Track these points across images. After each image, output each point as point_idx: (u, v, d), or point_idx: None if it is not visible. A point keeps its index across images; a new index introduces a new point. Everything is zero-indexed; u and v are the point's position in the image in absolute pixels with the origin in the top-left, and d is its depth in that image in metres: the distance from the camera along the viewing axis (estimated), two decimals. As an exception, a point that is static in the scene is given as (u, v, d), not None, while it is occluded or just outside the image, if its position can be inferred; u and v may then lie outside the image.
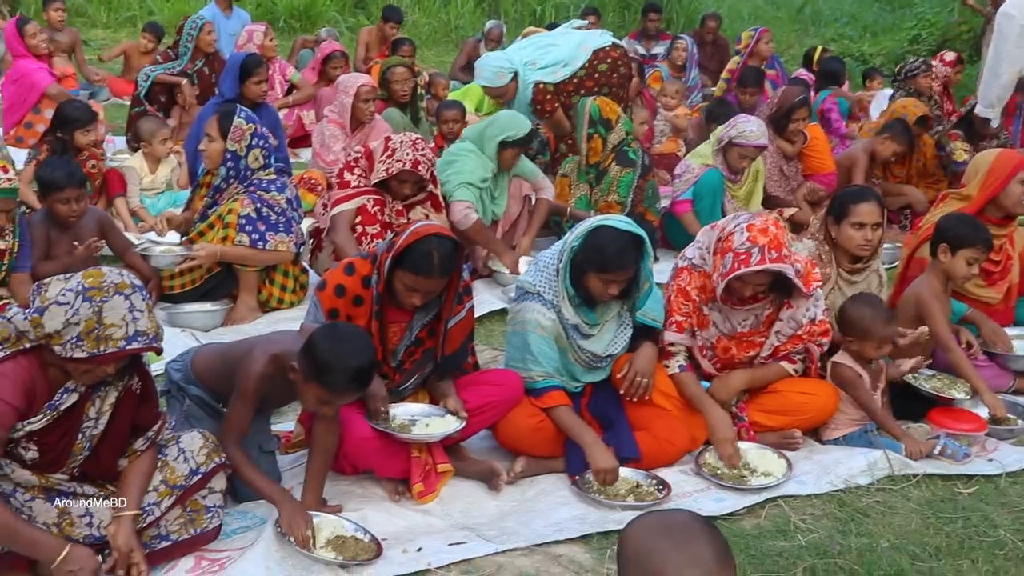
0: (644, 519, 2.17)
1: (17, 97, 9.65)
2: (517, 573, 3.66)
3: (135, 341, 3.24)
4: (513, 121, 6.61)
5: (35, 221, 5.89)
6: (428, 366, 4.24)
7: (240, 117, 5.83)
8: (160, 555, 3.59)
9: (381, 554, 3.70)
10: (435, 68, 13.17)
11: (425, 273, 3.96)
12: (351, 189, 5.95)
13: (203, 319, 5.83)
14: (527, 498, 4.21)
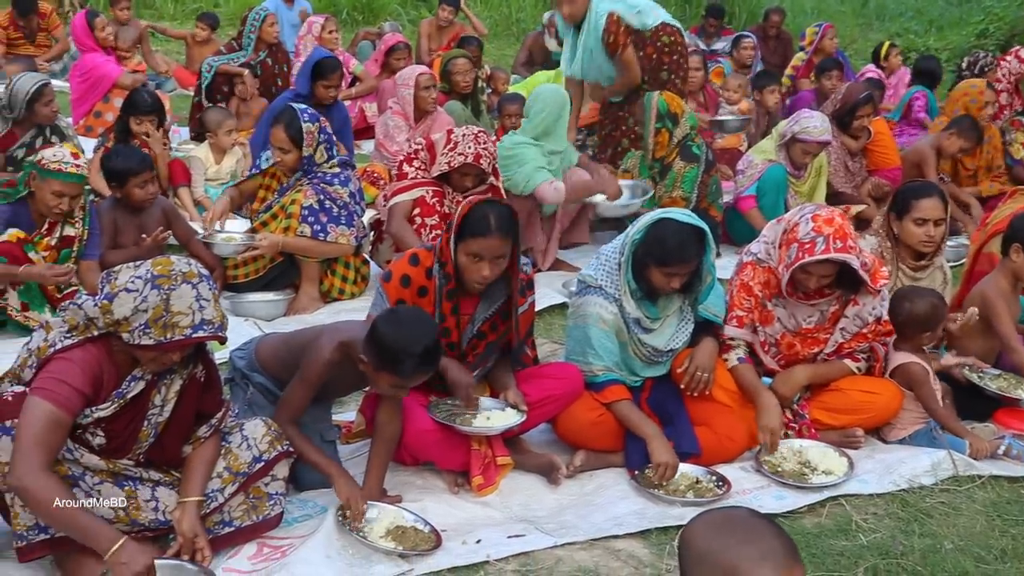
0: (706, 517, 2.15)
1: (86, 89, 9.79)
2: (575, 567, 3.66)
3: (201, 329, 3.28)
4: (559, 93, 6.73)
5: (103, 209, 6.00)
6: (491, 359, 4.24)
7: (305, 121, 5.87)
8: (223, 541, 3.63)
9: (440, 545, 3.71)
10: (496, 62, 13.17)
11: (485, 233, 3.98)
12: (409, 180, 5.97)
13: (266, 308, 5.89)
14: (586, 492, 4.21)
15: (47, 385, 3.23)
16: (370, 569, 3.57)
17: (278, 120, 5.96)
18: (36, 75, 7.48)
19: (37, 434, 3.16)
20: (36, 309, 5.47)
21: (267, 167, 6.15)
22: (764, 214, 6.84)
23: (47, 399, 3.20)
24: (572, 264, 6.74)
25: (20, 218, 5.41)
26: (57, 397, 3.20)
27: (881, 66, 11.24)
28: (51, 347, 3.31)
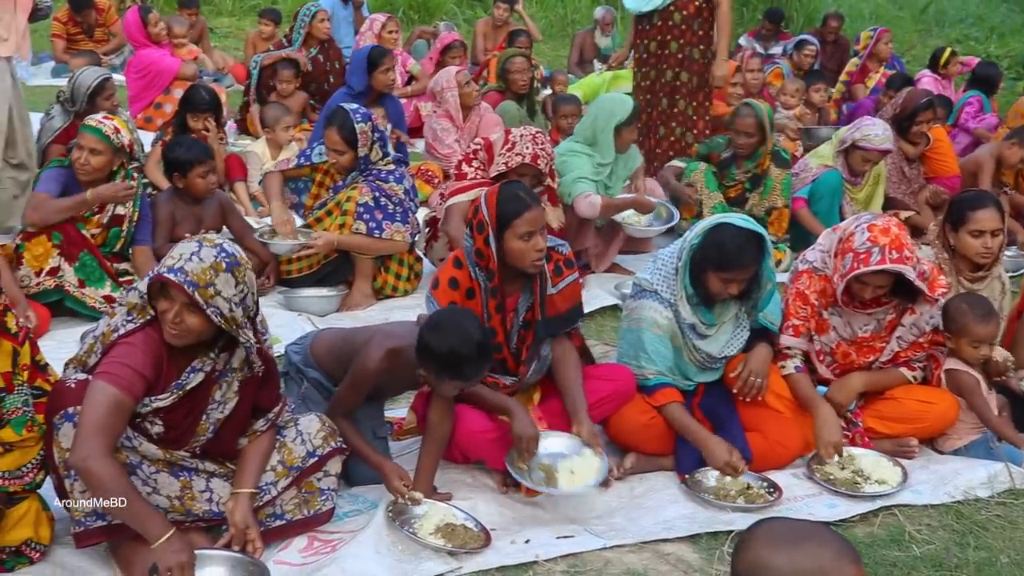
0: (764, 534, 2.10)
1: (143, 86, 9.91)
2: (624, 570, 3.65)
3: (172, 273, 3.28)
4: (615, 103, 6.58)
5: (161, 201, 6.09)
6: (544, 348, 4.23)
7: (358, 122, 5.90)
8: (274, 533, 3.67)
9: (489, 543, 3.72)
10: (551, 63, 13.18)
11: (525, 209, 4.01)
12: (468, 181, 5.98)
13: (319, 304, 5.92)
14: (636, 495, 4.20)
15: (110, 369, 3.28)
16: (419, 566, 3.58)
17: (331, 122, 5.99)
18: (98, 69, 7.57)
19: (100, 417, 3.21)
20: (93, 285, 5.55)
21: (319, 162, 6.18)
22: (820, 220, 6.79)
23: (110, 382, 3.25)
24: (626, 268, 6.71)
25: (72, 189, 5.54)
26: (120, 381, 3.25)
27: (940, 73, 11.10)
28: (115, 332, 3.37)
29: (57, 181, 5.52)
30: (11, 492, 3.43)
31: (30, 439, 3.44)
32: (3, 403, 3.41)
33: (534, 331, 4.20)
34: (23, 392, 3.46)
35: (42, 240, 5.48)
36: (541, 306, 4.14)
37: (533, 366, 4.23)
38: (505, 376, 4.22)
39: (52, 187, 5.49)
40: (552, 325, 4.19)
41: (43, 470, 3.49)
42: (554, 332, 4.21)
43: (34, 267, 5.46)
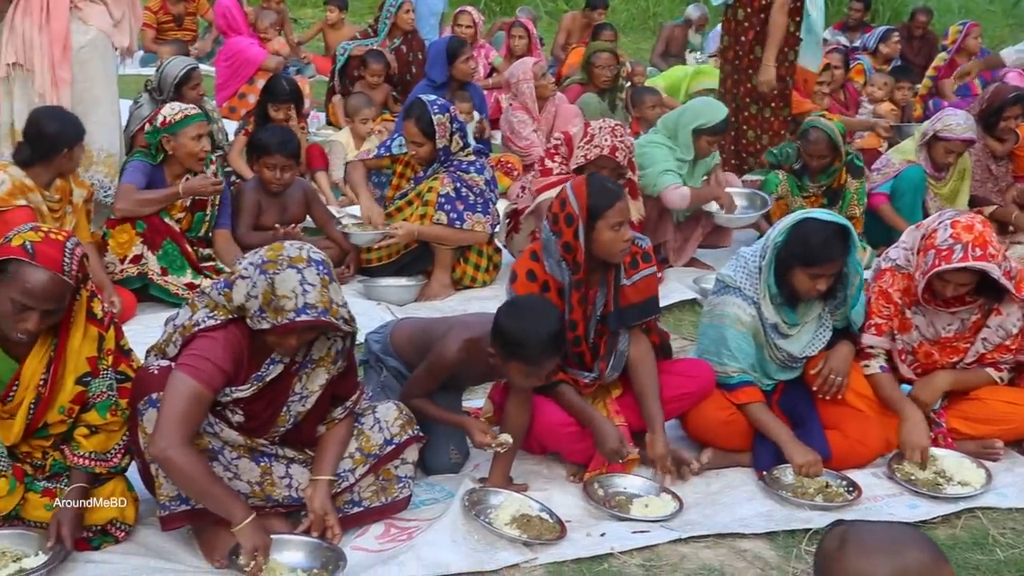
0: (854, 543, 2.04)
1: (230, 75, 10.04)
2: (700, 565, 3.64)
3: (304, 313, 3.29)
4: (707, 107, 6.51)
5: (246, 189, 6.19)
6: (621, 343, 4.21)
7: (435, 113, 5.92)
8: (352, 520, 3.70)
9: (564, 535, 3.72)
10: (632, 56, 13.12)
11: (616, 199, 4.01)
12: (554, 177, 5.98)
13: (398, 293, 5.97)
14: (712, 491, 4.17)
15: (191, 361, 3.32)
16: (495, 555, 3.60)
17: (409, 114, 6.03)
18: (185, 59, 7.69)
19: (180, 408, 3.27)
20: (175, 273, 5.66)
21: (399, 153, 6.22)
22: (902, 216, 6.68)
23: (190, 375, 3.29)
24: (705, 262, 6.66)
25: (157, 182, 5.66)
26: (200, 373, 3.30)
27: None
28: (196, 326, 3.40)
29: (142, 172, 5.62)
30: (97, 474, 3.51)
31: (114, 423, 3.52)
32: (89, 387, 3.48)
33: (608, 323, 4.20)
34: (108, 376, 3.53)
35: (127, 228, 5.59)
36: (614, 297, 4.13)
37: (611, 362, 4.20)
38: (584, 373, 4.21)
39: (138, 178, 5.60)
40: (625, 316, 4.16)
41: (128, 454, 3.56)
42: (627, 324, 4.18)
43: (119, 254, 5.58)
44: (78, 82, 5.79)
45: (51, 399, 3.44)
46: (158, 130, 5.62)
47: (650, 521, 3.87)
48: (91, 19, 5.83)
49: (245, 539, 3.29)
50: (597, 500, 3.96)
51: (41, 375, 3.42)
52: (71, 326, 3.44)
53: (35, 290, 3.25)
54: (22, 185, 5.07)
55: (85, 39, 5.82)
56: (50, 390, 3.43)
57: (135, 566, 3.44)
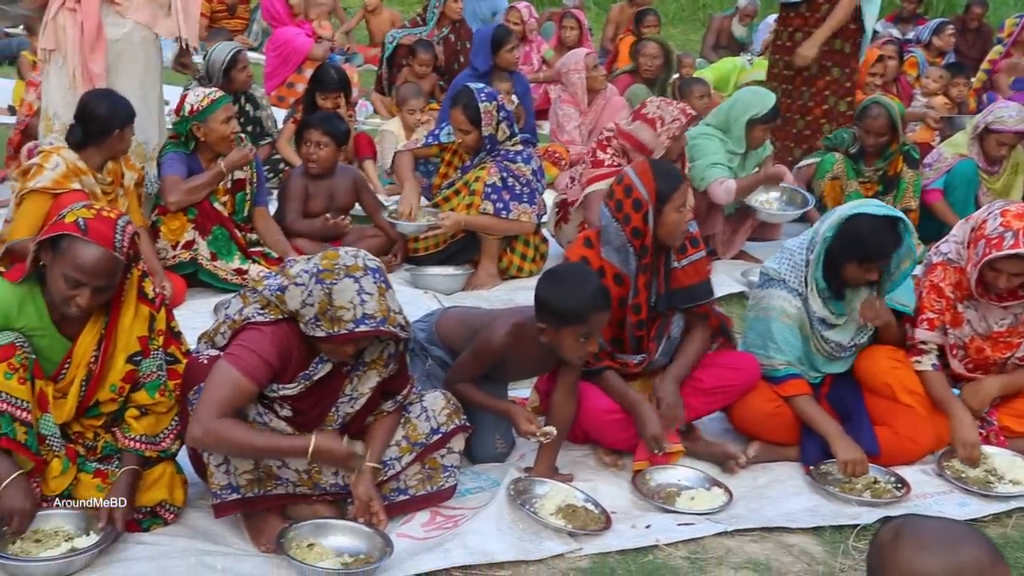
0: (909, 539, 2.00)
1: (278, 64, 10.11)
2: (746, 558, 3.62)
3: (363, 324, 3.30)
4: (756, 97, 6.46)
5: (293, 175, 6.24)
6: (674, 328, 4.20)
7: (482, 101, 5.92)
8: (398, 507, 3.71)
9: (610, 526, 3.72)
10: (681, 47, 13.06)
11: (679, 182, 4.07)
12: (604, 168, 5.97)
13: (445, 282, 5.98)
14: (759, 484, 4.15)
15: (236, 352, 3.35)
16: (540, 545, 3.60)
17: (456, 101, 6.03)
18: (230, 43, 7.77)
19: (221, 396, 3.29)
20: (224, 258, 5.71)
21: (447, 142, 6.23)
22: (955, 211, 6.61)
23: (234, 365, 3.32)
24: (754, 255, 6.62)
25: (195, 170, 5.71)
26: (244, 364, 3.32)
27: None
28: (245, 320, 3.43)
29: (182, 162, 5.66)
30: (147, 457, 3.54)
31: (163, 403, 3.55)
32: (139, 367, 3.52)
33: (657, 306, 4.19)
34: (158, 357, 3.57)
35: (178, 215, 5.65)
36: (665, 279, 4.12)
37: (662, 345, 4.20)
38: (634, 356, 4.20)
39: (179, 168, 5.64)
40: (675, 299, 4.16)
41: (178, 439, 3.60)
42: (676, 306, 4.18)
43: (170, 240, 5.64)
44: (111, 74, 5.82)
45: (101, 376, 3.48)
46: (187, 119, 5.65)
47: (695, 514, 3.86)
48: (129, 12, 5.85)
49: (324, 451, 3.37)
50: (645, 492, 3.95)
51: (92, 352, 3.47)
52: (122, 305, 3.48)
53: (87, 266, 3.29)
54: (75, 168, 5.12)
55: (120, 32, 5.84)
56: (100, 368, 3.47)
57: (183, 548, 3.47)
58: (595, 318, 3.69)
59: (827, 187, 6.64)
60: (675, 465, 4.11)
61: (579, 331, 3.70)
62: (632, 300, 4.09)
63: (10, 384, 3.31)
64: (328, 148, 6.13)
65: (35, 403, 3.40)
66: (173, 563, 3.37)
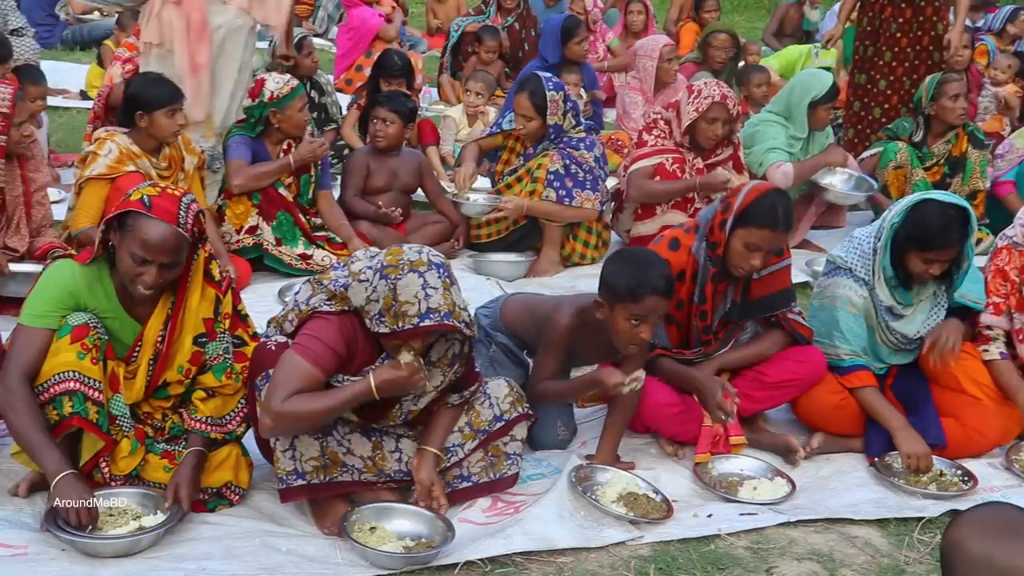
0: (976, 521, 1.96)
1: (351, 46, 10.16)
2: (809, 549, 3.59)
3: (427, 318, 3.30)
4: (813, 78, 6.41)
5: (357, 153, 6.33)
6: (745, 334, 4.18)
7: (549, 90, 5.90)
8: (460, 495, 3.73)
9: (671, 515, 3.71)
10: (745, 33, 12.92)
11: (772, 226, 3.91)
12: (648, 148, 5.97)
13: (507, 269, 5.99)
14: (822, 475, 4.12)
15: (304, 342, 3.37)
16: (601, 532, 3.59)
17: (523, 87, 6.03)
18: (296, 29, 7.80)
19: (289, 386, 3.31)
20: (289, 243, 5.76)
21: (509, 129, 6.23)
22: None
23: (302, 355, 3.34)
24: (817, 244, 6.56)
25: (260, 154, 5.78)
26: (311, 353, 3.34)
27: None
28: (312, 309, 3.45)
29: (247, 147, 5.73)
30: (213, 439, 3.59)
31: (229, 386, 3.60)
32: (206, 349, 3.57)
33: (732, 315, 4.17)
34: (224, 340, 3.62)
35: (243, 199, 5.72)
36: (743, 289, 4.10)
37: (727, 347, 4.19)
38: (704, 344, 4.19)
39: (244, 152, 5.72)
40: (751, 308, 4.14)
41: (245, 423, 3.64)
42: (752, 315, 4.17)
43: (235, 224, 5.70)
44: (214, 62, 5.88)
45: (169, 357, 3.53)
46: (265, 105, 5.70)
47: (758, 504, 3.84)
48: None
49: (388, 382, 3.35)
50: (707, 481, 3.93)
51: (159, 333, 3.52)
52: (189, 286, 3.53)
53: (152, 242, 3.33)
54: (129, 152, 5.19)
55: (222, 19, 5.90)
56: (167, 348, 3.52)
57: (248, 529, 3.52)
58: (648, 300, 3.65)
59: (891, 176, 6.56)
60: (737, 455, 4.09)
61: (631, 311, 3.66)
62: (698, 305, 4.06)
63: (83, 364, 3.38)
64: (395, 125, 6.15)
65: (107, 383, 3.46)
66: (238, 544, 3.41)
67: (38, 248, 5.03)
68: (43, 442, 3.33)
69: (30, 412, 3.35)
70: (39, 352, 3.40)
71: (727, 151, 6.04)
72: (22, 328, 3.47)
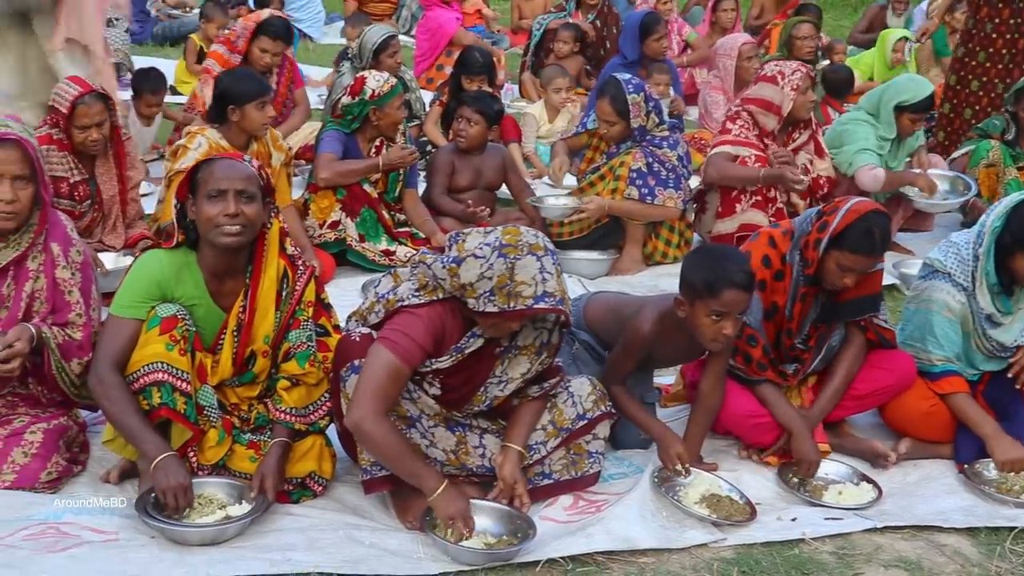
0: None
1: (429, 45, 10.21)
2: (896, 556, 3.53)
3: (542, 301, 3.32)
4: (910, 84, 6.27)
5: (441, 151, 6.34)
6: (834, 337, 4.12)
7: (630, 93, 5.87)
8: (541, 492, 3.72)
9: (755, 518, 3.67)
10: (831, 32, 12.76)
11: (865, 252, 3.84)
12: (732, 136, 5.98)
13: (589, 267, 5.97)
14: (909, 482, 4.04)
15: (393, 337, 3.38)
16: (683, 534, 3.57)
17: (603, 92, 6.01)
18: (385, 27, 7.88)
19: (378, 382, 3.33)
20: (372, 240, 5.80)
21: (593, 128, 6.21)
22: None
23: (391, 350, 3.36)
24: (905, 246, 6.45)
25: (351, 150, 5.83)
26: (400, 349, 3.35)
27: None
28: (399, 301, 3.46)
29: (340, 142, 5.78)
30: (297, 430, 3.62)
31: (312, 374, 3.63)
32: (288, 336, 3.62)
33: (826, 325, 4.11)
34: (307, 328, 3.66)
35: (328, 194, 5.77)
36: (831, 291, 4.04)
37: (821, 355, 4.12)
38: (789, 364, 4.13)
39: (336, 147, 5.77)
40: (840, 311, 4.06)
41: (328, 415, 3.67)
42: (841, 319, 4.10)
43: (319, 219, 5.76)
44: None
45: (252, 327, 3.59)
46: (366, 103, 5.74)
47: (844, 508, 3.78)
48: None
49: (440, 508, 3.36)
50: (791, 485, 3.89)
51: (240, 303, 3.58)
52: (265, 256, 3.59)
53: (222, 172, 3.47)
54: (218, 147, 5.27)
55: None
56: (249, 318, 3.58)
57: (330, 520, 3.55)
58: (727, 294, 3.60)
59: (982, 174, 6.43)
60: (822, 459, 4.03)
61: (711, 306, 3.63)
62: (786, 323, 4.02)
63: (171, 355, 3.43)
64: (478, 126, 6.18)
65: (194, 374, 3.52)
66: (322, 535, 3.45)
67: (129, 239, 5.14)
68: (140, 426, 3.40)
69: (124, 398, 3.42)
70: (128, 342, 3.47)
71: (804, 134, 6.06)
72: (112, 319, 3.54)
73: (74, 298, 3.67)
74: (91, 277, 3.77)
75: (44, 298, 3.64)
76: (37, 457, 3.59)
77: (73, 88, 4.98)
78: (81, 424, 3.86)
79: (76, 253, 3.72)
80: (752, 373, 4.00)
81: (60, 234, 3.71)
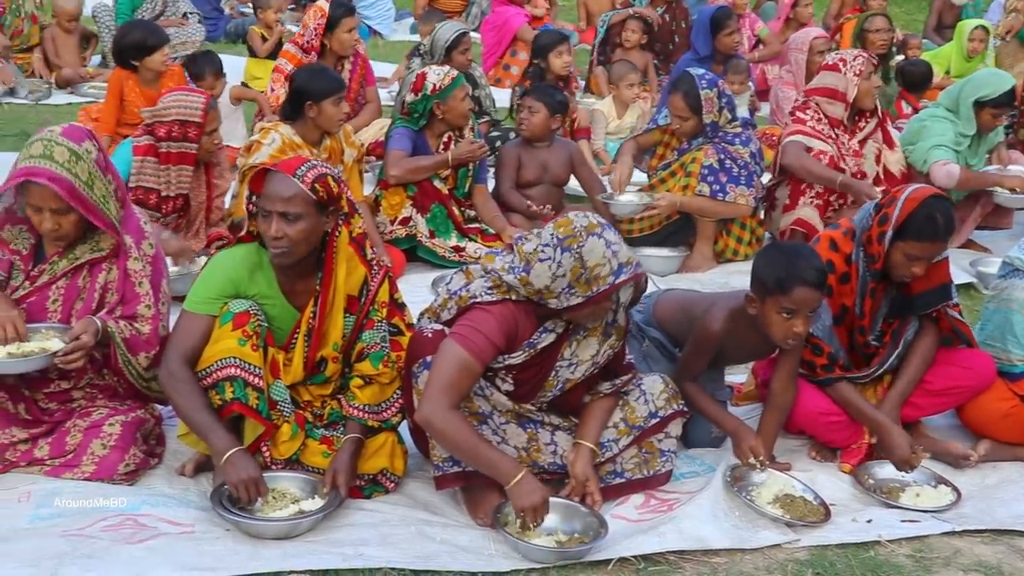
0: None
1: (494, 41, 10.22)
2: (975, 561, 3.46)
3: (622, 273, 3.35)
4: (990, 78, 6.17)
5: (508, 145, 6.34)
6: (909, 331, 4.05)
7: (703, 88, 5.83)
8: (613, 491, 3.71)
9: (829, 519, 3.62)
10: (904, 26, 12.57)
11: (931, 238, 3.79)
12: (808, 127, 5.93)
13: (660, 264, 5.94)
14: (988, 484, 3.97)
15: (465, 332, 3.39)
16: (756, 534, 3.54)
17: (676, 88, 5.97)
18: (457, 24, 7.87)
19: (449, 377, 3.34)
20: (443, 236, 5.82)
21: (665, 124, 6.17)
22: None
23: (463, 345, 3.36)
24: (983, 244, 6.34)
25: (420, 146, 5.85)
26: (472, 345, 3.36)
27: None
28: (472, 298, 3.46)
29: (409, 139, 5.81)
30: (370, 426, 3.64)
31: (385, 374, 3.64)
32: (361, 337, 3.62)
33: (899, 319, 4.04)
34: (381, 328, 3.67)
35: (398, 190, 5.80)
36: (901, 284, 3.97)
37: (897, 350, 4.05)
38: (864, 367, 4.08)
39: (406, 144, 5.80)
40: (912, 304, 4.00)
41: (400, 413, 3.68)
42: (913, 312, 4.02)
43: (390, 215, 5.78)
44: None
45: (321, 332, 3.59)
46: (428, 97, 5.76)
47: (921, 511, 3.72)
48: None
49: (517, 497, 3.35)
50: (866, 486, 3.83)
51: (311, 309, 3.59)
52: (335, 260, 3.57)
53: (268, 192, 3.44)
54: (291, 142, 5.32)
55: None
56: (319, 323, 3.58)
57: (402, 516, 3.56)
58: (798, 292, 3.58)
59: None
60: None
61: (782, 303, 3.61)
62: (857, 322, 3.97)
63: (244, 350, 3.46)
64: (539, 115, 6.17)
65: (267, 370, 3.54)
66: (394, 531, 3.46)
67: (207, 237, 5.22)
68: (209, 421, 3.44)
69: (194, 393, 3.46)
70: (200, 337, 3.51)
71: (871, 123, 6.02)
72: (184, 314, 3.58)
73: (143, 290, 3.69)
74: (161, 271, 3.80)
75: (115, 288, 3.68)
76: (115, 449, 3.63)
77: (195, 97, 5.07)
78: (157, 417, 3.90)
79: (148, 246, 3.75)
80: (822, 374, 3.96)
81: (133, 226, 3.74)
